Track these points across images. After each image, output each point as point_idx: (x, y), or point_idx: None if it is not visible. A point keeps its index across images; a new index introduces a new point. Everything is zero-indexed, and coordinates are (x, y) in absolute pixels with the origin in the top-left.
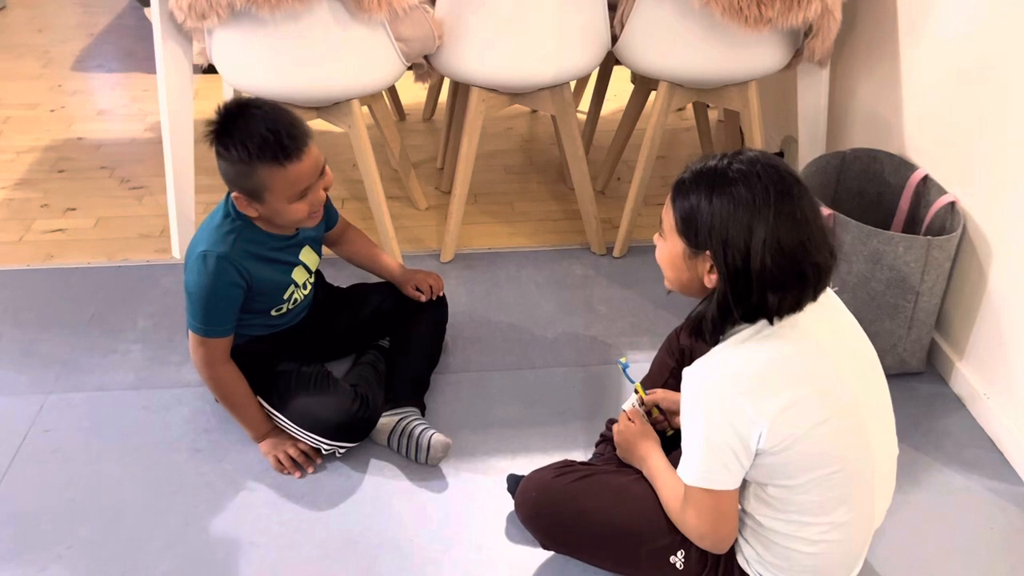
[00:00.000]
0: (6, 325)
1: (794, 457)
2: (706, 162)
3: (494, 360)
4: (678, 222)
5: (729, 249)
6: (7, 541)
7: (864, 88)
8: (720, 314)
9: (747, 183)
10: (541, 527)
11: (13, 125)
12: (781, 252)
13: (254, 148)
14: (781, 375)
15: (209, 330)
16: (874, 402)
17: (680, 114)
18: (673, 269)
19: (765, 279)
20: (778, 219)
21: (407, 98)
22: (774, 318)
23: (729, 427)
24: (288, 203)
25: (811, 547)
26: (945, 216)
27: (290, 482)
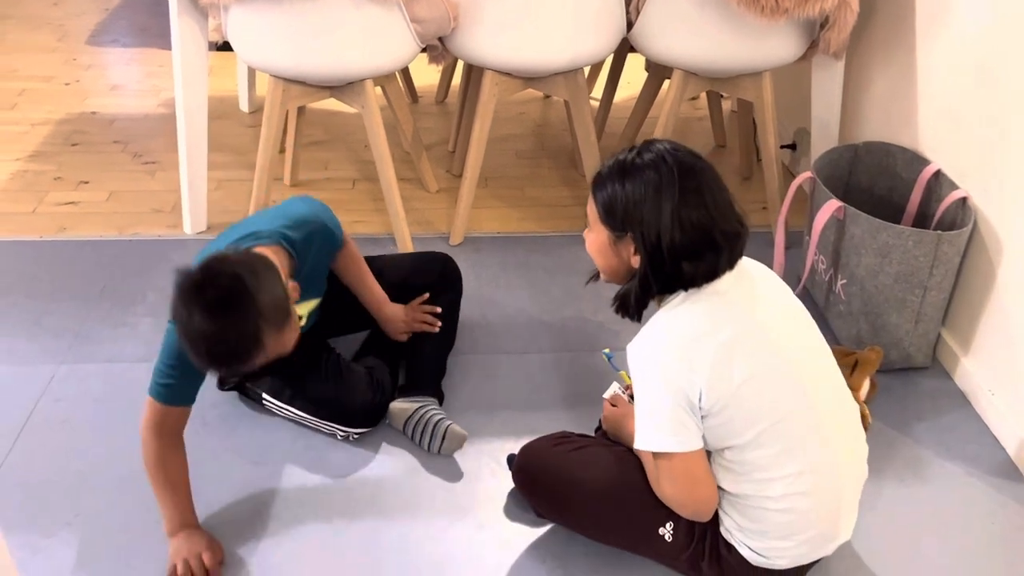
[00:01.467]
0: (19, 295)
1: (733, 414)
2: (618, 156)
3: (502, 343)
4: (600, 212)
5: (645, 228)
6: (16, 508)
7: (879, 81)
8: (641, 289)
9: (654, 167)
10: (536, 494)
11: (28, 97)
12: (690, 224)
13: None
14: (708, 335)
15: (176, 397)
16: (807, 356)
17: (693, 103)
18: (603, 257)
19: (678, 250)
20: (683, 195)
21: (420, 80)
22: (692, 286)
23: (671, 388)
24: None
25: (780, 503)
26: (956, 211)
27: (296, 457)
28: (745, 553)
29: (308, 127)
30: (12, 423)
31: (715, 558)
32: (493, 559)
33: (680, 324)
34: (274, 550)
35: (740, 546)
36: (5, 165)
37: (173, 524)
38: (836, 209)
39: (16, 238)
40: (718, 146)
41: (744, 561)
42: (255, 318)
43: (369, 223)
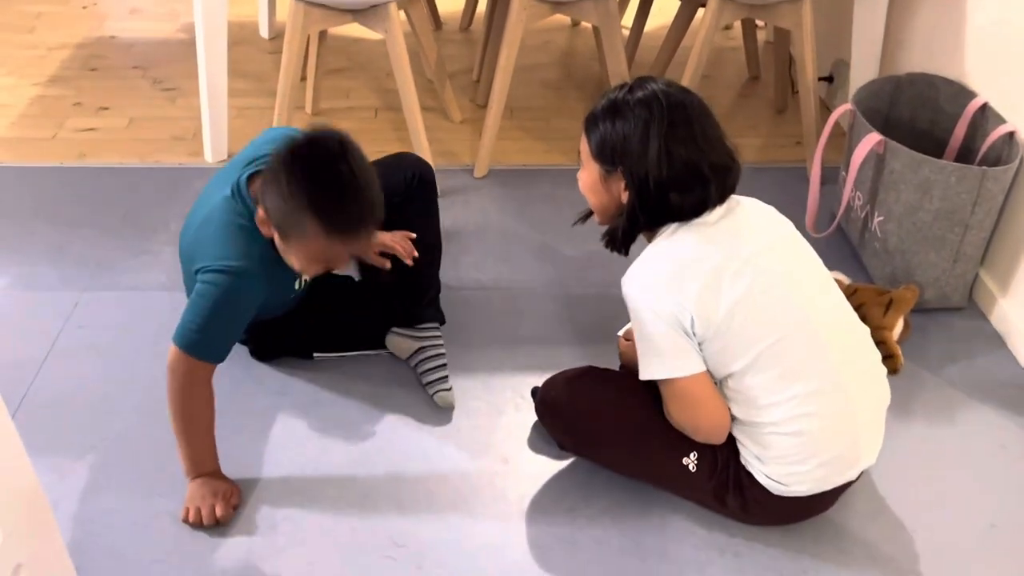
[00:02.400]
0: (40, 222)
1: (727, 341)
2: (609, 94)
3: (525, 278)
4: (592, 148)
5: (634, 161)
6: (43, 430)
7: (924, 9)
8: (629, 222)
9: (644, 104)
10: (560, 425)
11: (45, 21)
12: (678, 158)
13: (314, 203)
14: (695, 262)
15: (210, 352)
16: (802, 281)
17: (726, 33)
18: (594, 193)
19: (665, 184)
20: (672, 128)
21: (444, 6)
22: (680, 219)
23: (664, 315)
24: (307, 262)
25: (788, 426)
26: (1002, 147)
27: (320, 388)
28: (764, 482)
29: (329, 55)
30: (38, 349)
31: (738, 489)
32: (517, 493)
33: (668, 253)
34: (295, 485)
35: (759, 475)
36: (24, 90)
37: (193, 468)
38: (876, 143)
39: (37, 164)
40: (752, 78)
41: (766, 492)
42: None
43: (391, 153)
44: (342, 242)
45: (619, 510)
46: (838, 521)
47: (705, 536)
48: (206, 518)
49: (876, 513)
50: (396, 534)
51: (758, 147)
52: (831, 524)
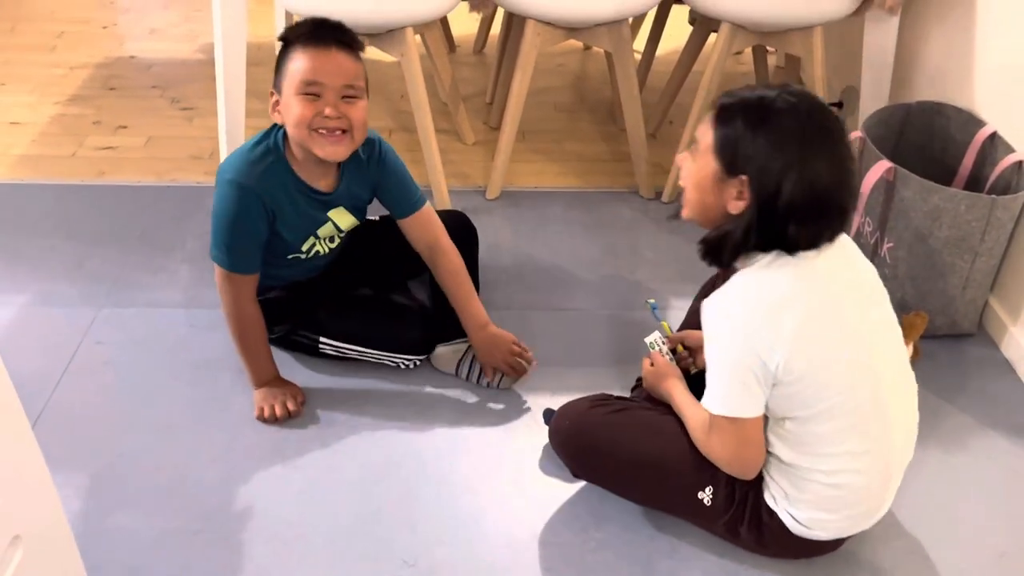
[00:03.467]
0: (59, 238)
1: (806, 386)
2: (754, 90)
3: (537, 299)
4: (717, 143)
5: (765, 177)
6: (61, 444)
7: (934, 38)
8: (743, 239)
9: (794, 115)
10: (573, 455)
11: (66, 40)
12: (812, 189)
13: (297, 30)
14: (795, 302)
15: (234, 263)
16: (881, 337)
17: (737, 58)
18: (699, 190)
19: (792, 212)
20: (817, 158)
21: (458, 30)
22: (789, 249)
23: (749, 351)
24: (293, 94)
25: (832, 478)
26: (1011, 176)
27: (334, 407)
28: (787, 521)
29: None
30: (56, 365)
31: (755, 523)
32: (527, 514)
33: (767, 286)
34: (309, 495)
35: (783, 514)
36: (45, 108)
37: (262, 378)
38: (886, 170)
39: (56, 181)
40: None
41: (784, 528)
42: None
43: None
44: (317, 53)
45: (630, 534)
46: (850, 547)
47: (716, 561)
48: (279, 412)
49: (888, 540)
50: (406, 553)
51: None
52: (843, 550)
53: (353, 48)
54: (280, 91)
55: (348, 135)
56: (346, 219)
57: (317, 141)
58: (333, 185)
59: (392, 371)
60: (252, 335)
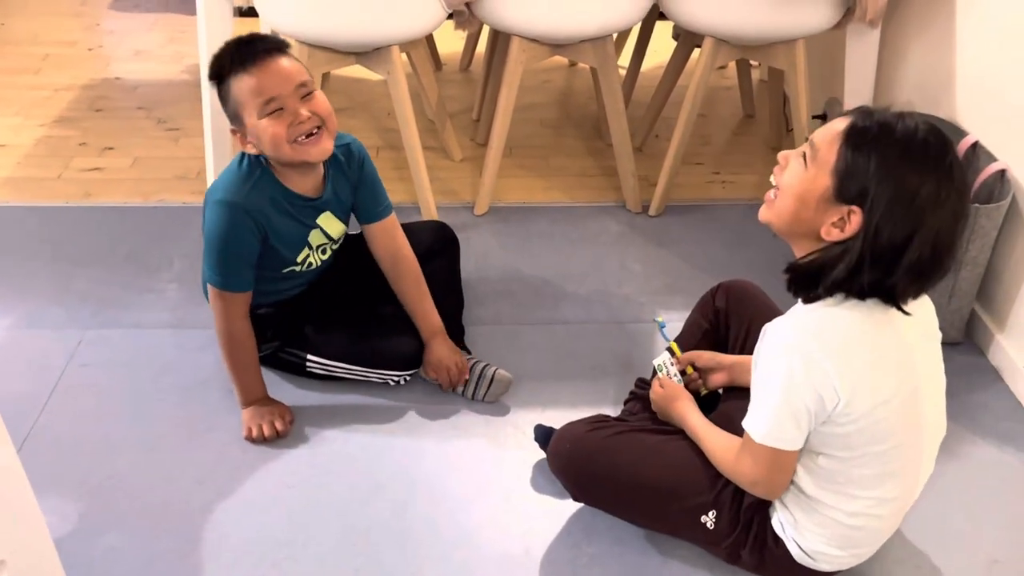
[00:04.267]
0: (45, 260)
1: (860, 428)
2: (899, 121)
3: (526, 314)
4: (842, 165)
5: (892, 225)
6: (46, 469)
7: (915, 50)
8: (848, 277)
9: (938, 169)
10: (574, 479)
11: (52, 62)
12: (935, 249)
13: (222, 64)
14: (865, 345)
15: (226, 282)
16: (933, 383)
17: (721, 72)
18: (797, 200)
19: (912, 267)
20: (948, 216)
21: (444, 47)
22: (888, 300)
23: (810, 388)
24: (258, 118)
25: (853, 519)
26: (993, 184)
27: (322, 426)
28: (793, 550)
29: (331, 94)
30: (41, 387)
31: (758, 548)
32: (519, 530)
33: (841, 324)
34: (298, 516)
35: (789, 542)
36: (30, 130)
37: (251, 397)
38: None
39: (42, 203)
40: (747, 116)
41: (788, 556)
42: None
43: (393, 192)
44: (259, 69)
45: (621, 548)
46: None
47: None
48: (267, 432)
49: (880, 550)
50: (397, 572)
51: (754, 184)
52: None
53: (282, 49)
54: (241, 123)
55: (324, 129)
56: (335, 225)
57: (301, 150)
58: (320, 190)
59: (381, 388)
60: (243, 353)
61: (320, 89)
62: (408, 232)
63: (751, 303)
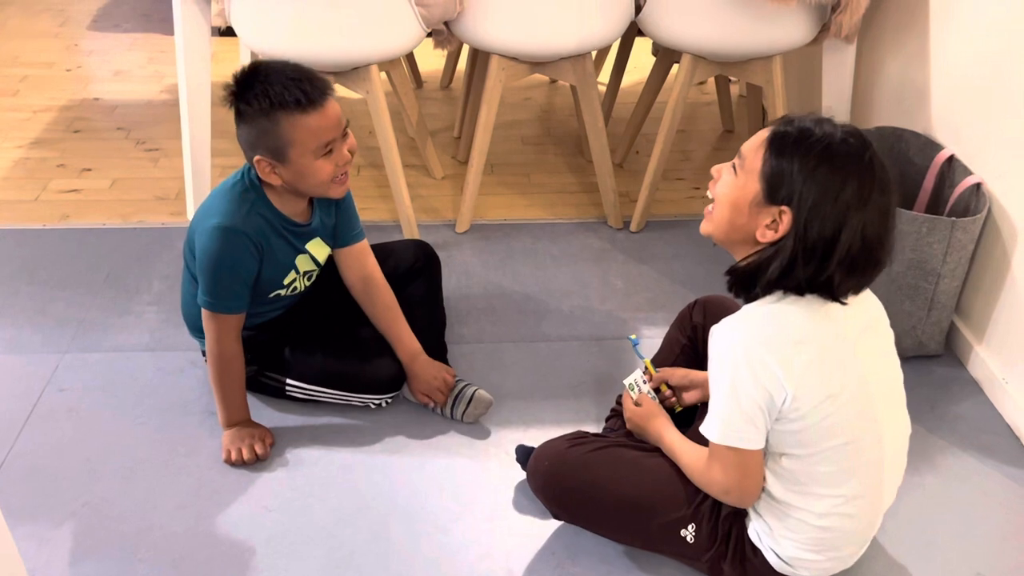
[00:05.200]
0: (22, 283)
1: (809, 425)
2: (817, 123)
3: (508, 331)
4: (767, 171)
5: (819, 221)
6: (24, 497)
7: (891, 65)
8: (780, 276)
9: (857, 161)
10: (553, 497)
11: (30, 84)
12: (864, 241)
13: (276, 96)
14: (807, 340)
15: (223, 305)
16: (884, 381)
17: (700, 88)
18: (731, 207)
19: (844, 261)
20: (873, 210)
21: (425, 65)
22: (826, 295)
23: (757, 383)
24: (314, 158)
25: (823, 520)
26: (969, 198)
27: (303, 447)
28: (771, 559)
29: None
30: (17, 413)
31: (738, 560)
32: (502, 550)
33: (783, 321)
34: (279, 540)
35: (767, 551)
36: (7, 152)
37: (231, 418)
38: None
39: (19, 226)
40: (726, 131)
41: (767, 565)
42: None
43: (375, 210)
44: (320, 112)
45: (606, 567)
46: None
47: None
48: (247, 456)
49: (863, 562)
50: None
51: None
52: None
53: (332, 90)
54: (282, 158)
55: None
56: (322, 250)
57: (336, 188)
58: (308, 216)
59: (362, 409)
60: (231, 374)
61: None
62: (388, 252)
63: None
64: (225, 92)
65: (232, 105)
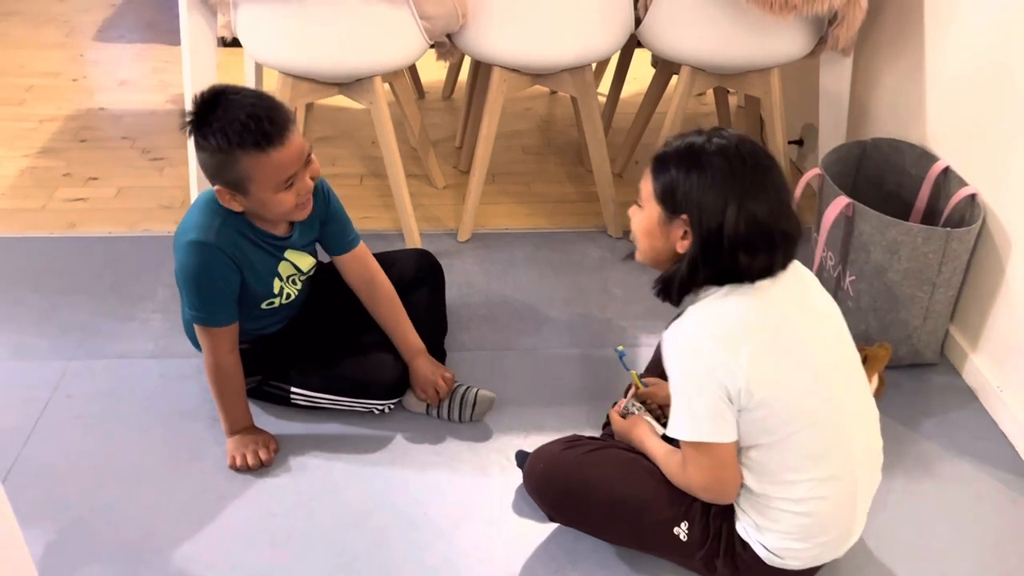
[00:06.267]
0: (28, 291)
1: (768, 413)
2: (686, 137)
3: (509, 339)
4: (657, 190)
5: (705, 214)
6: (30, 502)
7: (887, 77)
8: (689, 274)
9: (725, 155)
10: (548, 499)
11: (36, 93)
12: (753, 219)
13: (234, 135)
14: (750, 329)
15: (209, 318)
16: (838, 364)
17: (700, 99)
18: (648, 236)
19: (738, 243)
20: (752, 189)
21: (426, 76)
22: (743, 280)
23: (710, 377)
24: (274, 193)
25: (800, 506)
26: (965, 208)
27: (306, 455)
28: (760, 552)
29: (316, 123)
30: (25, 419)
31: (730, 556)
32: (503, 554)
33: (725, 314)
34: (283, 545)
35: (755, 545)
36: (14, 161)
37: (234, 425)
38: (845, 206)
39: (26, 234)
40: None
41: (758, 559)
42: None
43: (377, 219)
44: (279, 150)
45: (605, 571)
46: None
47: None
48: (251, 462)
49: (859, 568)
50: None
51: None
52: None
53: (293, 121)
54: (242, 191)
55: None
56: (303, 259)
57: (298, 213)
58: (288, 230)
59: (365, 416)
60: (230, 385)
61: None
62: (392, 261)
63: None
64: (182, 120)
65: (190, 134)
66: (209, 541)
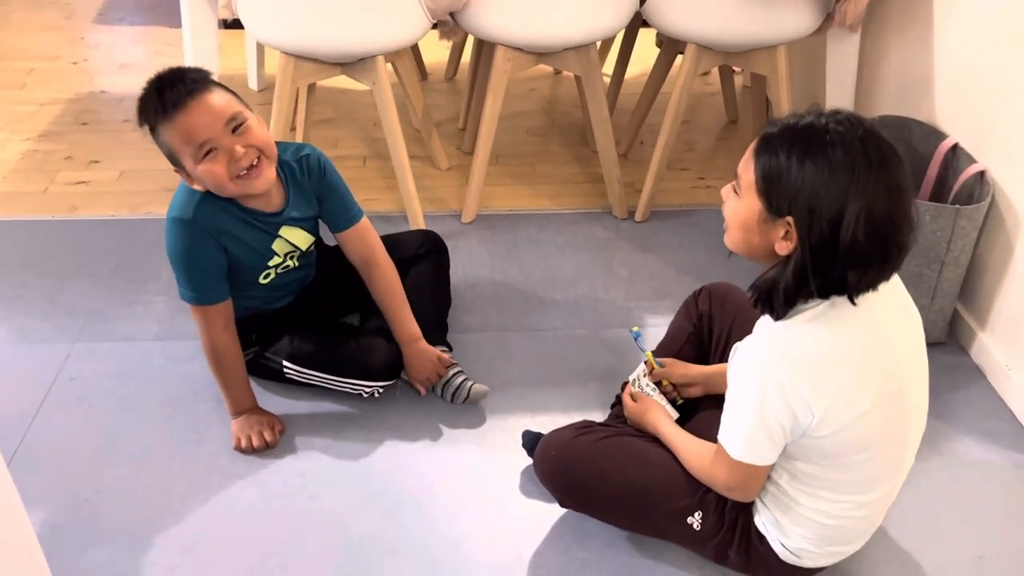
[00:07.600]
0: (32, 274)
1: (837, 441)
2: (799, 118)
3: (514, 320)
4: (759, 181)
5: (816, 219)
6: (36, 484)
7: (895, 54)
8: (795, 286)
9: (846, 147)
10: (560, 486)
11: (36, 77)
12: (872, 226)
13: (145, 111)
14: (839, 361)
15: (199, 297)
16: (917, 378)
17: (705, 79)
18: (742, 230)
19: (851, 254)
20: (876, 190)
21: (429, 57)
22: (851, 296)
23: (784, 407)
24: (195, 164)
25: (833, 520)
26: (973, 186)
27: (312, 435)
28: (778, 549)
29: (318, 105)
30: (30, 402)
31: (744, 547)
32: (510, 536)
33: (812, 344)
34: (289, 526)
35: (774, 542)
36: (16, 145)
37: (240, 407)
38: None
39: (28, 218)
40: (730, 121)
41: (774, 554)
42: None
43: (381, 201)
44: (183, 113)
45: (612, 551)
46: None
47: None
48: (256, 443)
49: (867, 547)
50: None
51: None
52: None
53: (205, 85)
54: (183, 167)
55: (263, 158)
56: (299, 236)
57: (245, 184)
58: (280, 205)
59: (369, 398)
60: (228, 364)
61: (252, 112)
62: (397, 242)
63: (733, 306)
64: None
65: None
66: (216, 521)
